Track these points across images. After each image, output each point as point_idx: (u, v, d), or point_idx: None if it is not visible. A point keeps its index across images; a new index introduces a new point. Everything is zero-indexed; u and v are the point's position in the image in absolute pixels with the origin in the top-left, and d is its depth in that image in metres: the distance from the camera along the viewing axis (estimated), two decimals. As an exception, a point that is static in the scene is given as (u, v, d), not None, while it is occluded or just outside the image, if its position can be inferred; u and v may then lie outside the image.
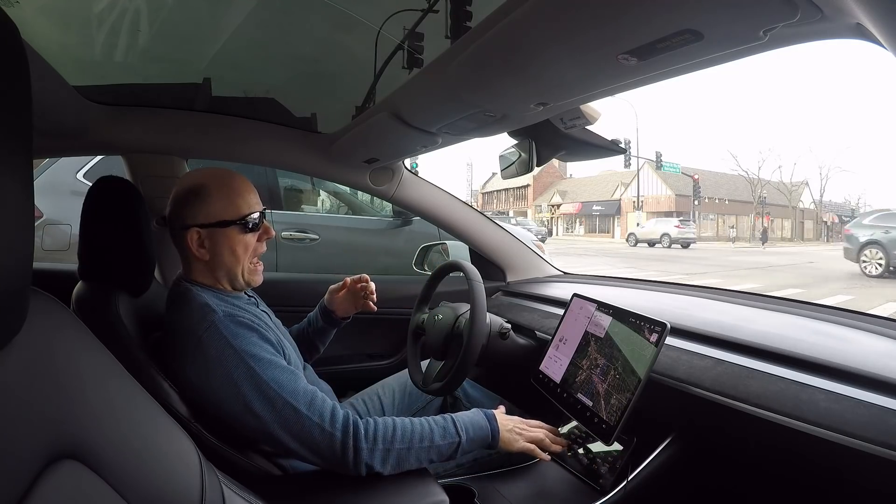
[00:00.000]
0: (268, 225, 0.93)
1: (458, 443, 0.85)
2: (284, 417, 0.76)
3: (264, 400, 0.76)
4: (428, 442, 0.82)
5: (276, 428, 0.76)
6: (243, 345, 0.78)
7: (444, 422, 0.86)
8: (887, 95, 62.38)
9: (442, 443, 0.83)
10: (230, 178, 0.89)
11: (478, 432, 0.88)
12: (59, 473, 0.37)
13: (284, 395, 0.76)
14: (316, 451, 0.78)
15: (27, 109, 0.34)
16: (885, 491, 0.63)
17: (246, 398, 0.76)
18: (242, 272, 0.89)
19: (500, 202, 41.68)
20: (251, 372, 0.76)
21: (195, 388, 0.79)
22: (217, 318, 0.80)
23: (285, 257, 2.70)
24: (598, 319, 1.03)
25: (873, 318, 0.93)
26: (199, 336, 0.78)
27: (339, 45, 1.39)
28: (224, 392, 0.76)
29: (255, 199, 0.90)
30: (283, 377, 0.78)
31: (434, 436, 0.83)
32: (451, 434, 0.85)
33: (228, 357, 0.77)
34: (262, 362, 0.78)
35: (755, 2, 0.46)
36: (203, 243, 0.86)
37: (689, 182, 24.07)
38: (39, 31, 1.19)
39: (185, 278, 0.89)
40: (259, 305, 0.97)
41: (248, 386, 0.76)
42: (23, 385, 0.37)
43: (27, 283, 0.35)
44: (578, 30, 0.56)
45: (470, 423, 0.88)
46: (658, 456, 0.91)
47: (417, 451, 0.81)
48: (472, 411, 0.91)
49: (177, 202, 0.88)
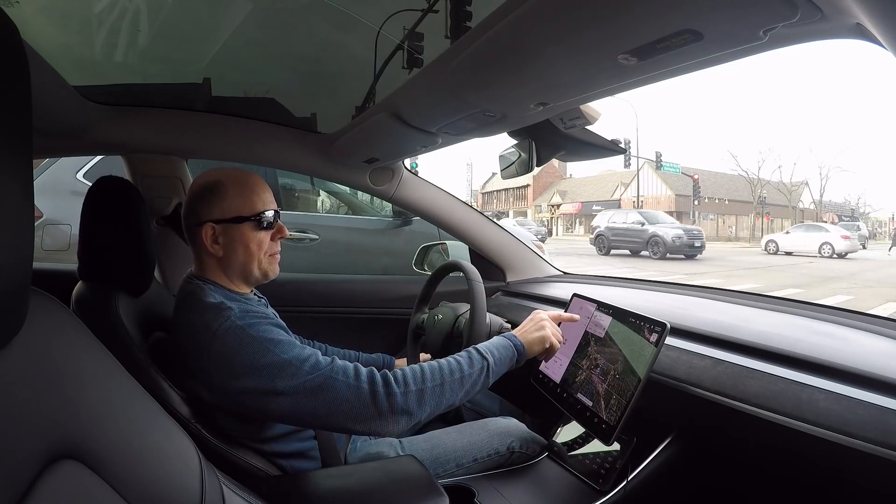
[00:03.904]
0: (282, 224, 0.93)
1: (486, 366, 0.85)
2: (311, 389, 0.76)
3: (289, 377, 0.76)
4: (458, 373, 0.82)
5: (305, 402, 0.76)
6: (260, 332, 0.79)
7: (466, 353, 0.87)
8: (887, 95, 62.43)
9: (471, 370, 0.84)
10: (246, 176, 0.90)
11: (502, 351, 0.89)
12: (58, 473, 0.37)
13: (306, 367, 0.76)
14: (350, 412, 0.76)
15: (27, 109, 0.34)
16: (885, 491, 0.63)
17: (272, 379, 0.75)
18: (258, 267, 0.90)
19: (500, 202, 41.66)
20: (272, 355, 0.76)
21: (209, 385, 0.79)
22: (233, 314, 0.80)
23: (285, 257, 2.68)
24: (598, 319, 1.03)
25: (873, 318, 0.94)
26: (215, 331, 0.78)
27: (339, 45, 1.39)
28: (248, 379, 0.76)
29: (270, 198, 0.91)
30: (304, 353, 0.78)
31: (462, 366, 0.83)
32: (477, 360, 0.85)
33: (248, 345, 0.77)
34: (280, 344, 0.78)
35: (755, 2, 0.46)
36: (217, 239, 0.87)
37: (689, 182, 24.06)
38: (39, 31, 1.19)
39: (196, 276, 0.89)
40: (268, 307, 0.97)
41: (272, 368, 0.76)
42: (23, 385, 0.37)
43: (27, 283, 0.35)
44: (578, 30, 0.56)
45: (492, 345, 0.90)
46: (658, 456, 0.91)
47: (450, 383, 0.81)
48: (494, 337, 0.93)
49: (193, 198, 0.88)
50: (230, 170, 0.91)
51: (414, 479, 0.83)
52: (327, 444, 0.97)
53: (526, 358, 0.93)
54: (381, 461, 0.97)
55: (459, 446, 1.04)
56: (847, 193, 57.12)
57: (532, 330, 0.96)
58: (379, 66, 1.23)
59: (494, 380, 0.88)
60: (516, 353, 0.91)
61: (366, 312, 1.67)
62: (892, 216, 34.11)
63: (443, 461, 1.02)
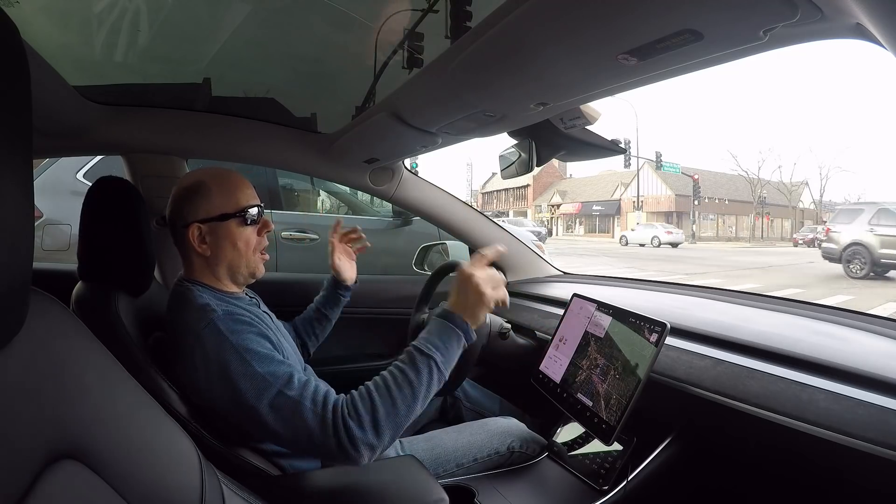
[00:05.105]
0: (266, 218, 0.93)
1: (433, 362, 0.76)
2: (277, 408, 0.74)
3: (258, 392, 0.75)
4: (406, 384, 0.74)
5: (270, 420, 0.74)
6: (240, 340, 0.78)
7: (408, 358, 0.77)
8: (887, 95, 62.41)
9: (418, 375, 0.75)
10: (228, 175, 0.91)
11: (445, 338, 0.78)
12: (58, 473, 0.37)
13: (277, 384, 0.75)
14: (310, 441, 0.74)
15: (27, 109, 0.34)
16: (885, 491, 0.63)
17: (240, 391, 0.75)
18: (245, 264, 0.90)
19: (500, 202, 41.66)
20: (246, 365, 0.76)
21: (195, 386, 0.79)
22: (216, 317, 0.80)
23: (285, 257, 2.70)
24: (598, 319, 1.03)
25: (873, 318, 0.93)
26: (198, 333, 0.78)
27: (339, 45, 1.39)
28: (219, 387, 0.76)
29: (252, 194, 0.91)
30: (279, 370, 0.77)
31: (407, 374, 0.75)
32: (421, 360, 0.76)
33: (225, 352, 0.77)
34: (258, 356, 0.77)
35: (755, 2, 0.46)
36: (204, 239, 0.87)
37: (689, 182, 24.06)
38: (39, 31, 1.19)
39: (185, 278, 0.90)
40: (260, 306, 0.97)
41: (244, 381, 0.75)
42: (22, 385, 0.37)
43: (27, 283, 0.35)
44: (578, 30, 0.56)
45: (432, 336, 0.79)
46: (658, 456, 0.91)
47: (402, 399, 0.74)
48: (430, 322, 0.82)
49: (177, 201, 0.89)
50: (211, 169, 0.91)
51: (414, 479, 0.83)
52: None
53: (475, 328, 0.81)
54: (381, 461, 0.97)
55: (459, 446, 1.04)
56: (847, 193, 56.99)
57: (469, 298, 0.80)
58: (379, 66, 1.23)
59: (450, 369, 0.78)
60: (459, 331, 0.79)
61: (366, 312, 1.66)
62: (892, 216, 34.01)
63: (443, 461, 1.02)
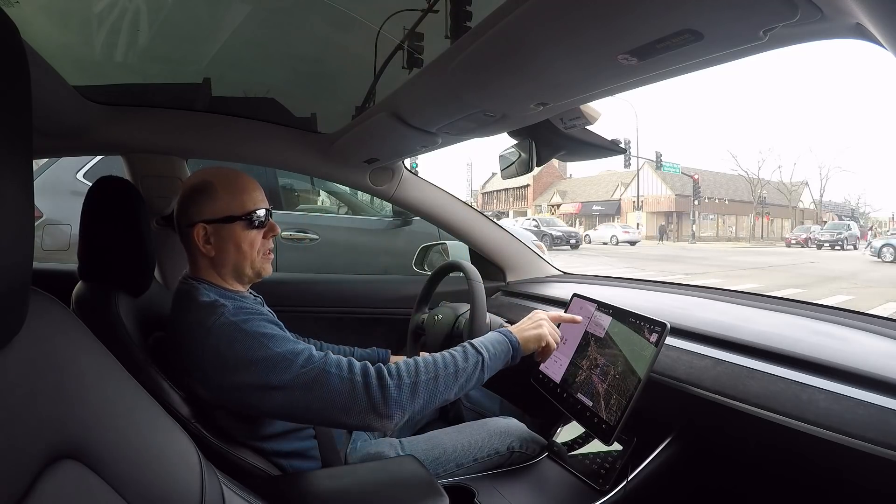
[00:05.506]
0: (273, 222, 0.93)
1: (481, 360, 0.84)
2: (305, 383, 0.75)
3: (283, 371, 0.75)
4: (453, 367, 0.82)
5: (299, 396, 0.75)
6: (254, 327, 0.79)
7: (461, 348, 0.86)
8: (887, 95, 62.41)
9: (466, 364, 0.83)
10: (236, 176, 0.90)
11: (497, 347, 0.88)
12: (58, 473, 0.37)
13: (300, 361, 0.76)
14: (344, 406, 0.76)
15: (27, 109, 0.34)
16: (885, 491, 0.63)
17: (266, 374, 0.75)
18: (250, 266, 0.90)
19: (500, 202, 41.63)
20: (266, 349, 0.76)
21: (206, 382, 0.79)
22: (227, 311, 0.80)
23: (285, 257, 2.70)
24: (598, 319, 1.03)
25: (873, 318, 0.93)
26: (209, 327, 0.78)
27: (339, 45, 1.39)
28: (242, 374, 0.76)
29: (260, 197, 0.91)
30: (297, 347, 0.78)
31: (457, 360, 0.83)
32: (472, 355, 0.84)
33: (241, 339, 0.77)
34: (274, 339, 0.78)
35: (755, 2, 0.46)
36: (209, 239, 0.87)
37: (689, 182, 24.05)
38: (39, 31, 1.19)
39: (191, 277, 0.89)
40: (264, 306, 0.97)
41: (266, 363, 0.76)
42: (22, 385, 0.37)
43: (27, 283, 0.35)
44: (578, 30, 0.56)
45: (488, 340, 0.89)
46: (658, 456, 0.91)
47: (444, 377, 0.80)
48: (489, 333, 0.92)
49: (184, 200, 0.89)
50: (220, 169, 0.91)
51: (414, 479, 0.83)
52: (327, 443, 0.97)
53: (521, 355, 0.92)
54: (381, 461, 0.97)
55: (459, 446, 1.04)
56: (847, 193, 57.21)
57: (529, 328, 0.95)
58: (379, 66, 1.23)
59: (490, 375, 0.87)
60: (511, 349, 0.90)
61: (366, 312, 1.67)
62: (892, 216, 34.24)
63: (443, 461, 1.02)
